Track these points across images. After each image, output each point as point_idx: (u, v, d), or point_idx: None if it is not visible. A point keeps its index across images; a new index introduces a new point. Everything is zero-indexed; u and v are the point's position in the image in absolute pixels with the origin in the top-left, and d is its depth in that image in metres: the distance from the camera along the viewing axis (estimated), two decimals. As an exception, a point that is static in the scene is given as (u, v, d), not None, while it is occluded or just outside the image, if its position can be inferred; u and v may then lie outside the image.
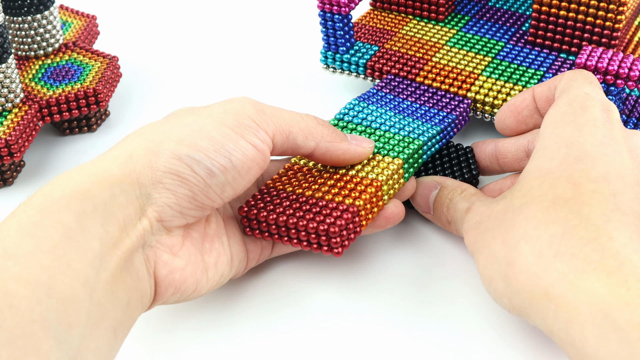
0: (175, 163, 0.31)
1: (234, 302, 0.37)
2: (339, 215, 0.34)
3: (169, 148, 0.31)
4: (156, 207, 0.30)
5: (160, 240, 0.31)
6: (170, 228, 0.31)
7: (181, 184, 0.31)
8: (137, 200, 0.30)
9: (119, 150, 0.31)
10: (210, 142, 0.31)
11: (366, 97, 0.44)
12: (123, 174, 0.30)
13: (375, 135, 0.40)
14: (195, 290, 0.32)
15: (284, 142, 0.34)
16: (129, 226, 0.29)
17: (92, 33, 0.57)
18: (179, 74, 0.58)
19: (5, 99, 0.46)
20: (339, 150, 0.36)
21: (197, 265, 0.32)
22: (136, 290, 0.29)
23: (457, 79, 0.46)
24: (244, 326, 0.36)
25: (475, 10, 0.55)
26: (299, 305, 0.37)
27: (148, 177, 0.30)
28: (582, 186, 0.30)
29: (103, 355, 0.27)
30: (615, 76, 0.40)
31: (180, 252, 0.32)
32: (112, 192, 0.29)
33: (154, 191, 0.30)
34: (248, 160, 0.32)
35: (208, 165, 0.31)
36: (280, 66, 0.58)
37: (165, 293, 0.31)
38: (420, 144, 0.39)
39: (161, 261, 0.31)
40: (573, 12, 0.47)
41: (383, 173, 0.36)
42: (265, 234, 0.35)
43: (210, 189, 0.31)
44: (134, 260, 0.29)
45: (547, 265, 0.29)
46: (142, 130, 0.33)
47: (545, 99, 0.38)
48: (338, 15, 0.48)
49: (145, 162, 0.30)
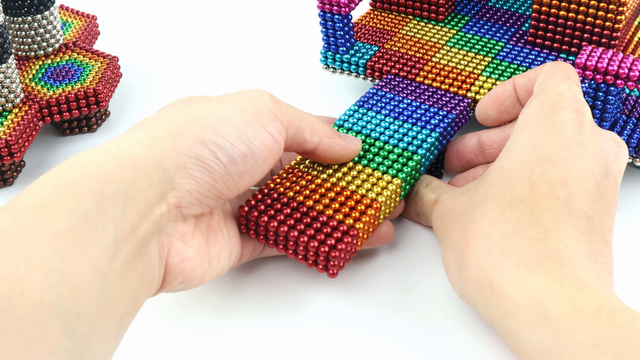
0: (199, 148, 0.30)
1: (233, 301, 0.37)
2: (339, 238, 0.34)
3: (194, 132, 0.30)
4: (177, 192, 0.30)
5: (175, 228, 0.31)
6: (187, 216, 0.31)
7: (203, 170, 0.30)
8: (160, 184, 0.29)
9: (141, 133, 0.31)
10: (232, 129, 0.31)
11: (366, 99, 0.44)
12: (147, 156, 0.29)
13: (375, 147, 0.40)
14: (200, 280, 0.32)
15: (293, 135, 0.34)
16: (148, 211, 0.29)
17: (92, 33, 0.57)
18: (179, 74, 0.58)
19: (5, 99, 0.46)
20: (338, 146, 0.37)
21: (204, 256, 0.32)
22: (146, 277, 0.29)
23: (457, 79, 0.46)
24: (241, 326, 0.36)
25: (475, 10, 0.55)
26: (299, 306, 0.37)
27: (173, 160, 0.30)
28: (538, 188, 0.32)
29: (110, 345, 0.27)
30: (615, 76, 0.40)
31: (192, 242, 0.31)
32: (134, 175, 0.29)
33: (177, 175, 0.30)
34: (266, 149, 0.32)
35: (230, 152, 0.31)
36: (281, 66, 0.58)
37: (174, 281, 0.31)
38: (419, 159, 0.39)
39: (174, 249, 0.31)
40: (573, 12, 0.47)
41: (383, 194, 0.37)
42: (261, 237, 0.36)
43: (230, 177, 0.31)
44: (148, 247, 0.29)
45: (495, 261, 0.31)
46: (162, 113, 0.32)
47: (526, 89, 0.39)
48: (338, 16, 0.48)
49: (169, 145, 0.30)
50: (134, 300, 0.28)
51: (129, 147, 0.30)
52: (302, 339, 0.35)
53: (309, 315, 0.36)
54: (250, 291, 0.38)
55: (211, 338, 0.35)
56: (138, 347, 0.35)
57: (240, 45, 0.61)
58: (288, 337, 0.35)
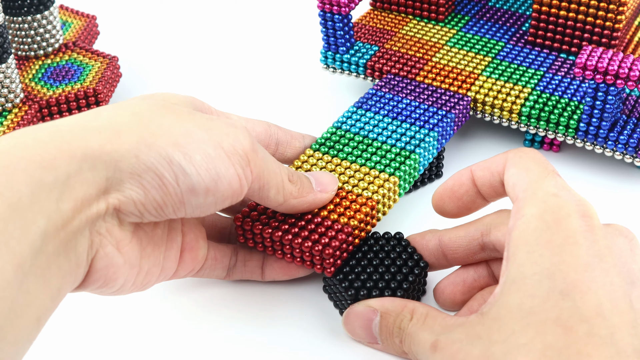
0: (164, 165, 0.28)
1: (233, 302, 0.37)
2: (333, 236, 0.34)
3: (164, 147, 0.28)
4: (121, 196, 0.27)
5: (110, 231, 0.28)
6: (123, 221, 0.29)
7: (158, 188, 0.28)
8: (106, 181, 0.27)
9: (106, 122, 0.28)
10: (204, 159, 0.29)
11: (364, 100, 0.44)
12: (102, 151, 0.27)
13: (372, 147, 0.40)
14: (118, 290, 0.30)
15: (258, 190, 0.32)
16: (85, 206, 0.26)
17: (92, 33, 0.57)
18: (179, 74, 0.58)
19: (5, 99, 0.46)
20: (305, 204, 0.35)
21: (133, 268, 0.30)
22: (71, 276, 0.26)
23: (457, 79, 0.46)
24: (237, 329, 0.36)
25: (475, 10, 0.55)
26: (300, 307, 0.37)
27: (130, 165, 0.27)
28: (574, 330, 0.26)
29: (20, 348, 0.24)
30: (615, 76, 0.40)
31: (125, 249, 0.29)
32: (80, 167, 0.26)
33: (128, 181, 0.27)
34: (231, 189, 0.30)
35: (194, 182, 0.29)
36: (281, 66, 0.58)
37: (91, 285, 0.28)
38: (417, 159, 0.39)
39: (103, 252, 0.28)
40: (573, 12, 0.47)
41: (378, 192, 0.37)
42: (259, 245, 0.36)
43: (182, 206, 0.29)
44: (77, 245, 0.26)
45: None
46: (136, 109, 0.29)
47: (489, 185, 0.33)
48: (338, 15, 0.48)
49: (133, 149, 0.27)
50: (54, 300, 0.26)
51: (85, 135, 0.27)
52: (302, 341, 0.35)
53: (310, 317, 0.36)
54: (246, 297, 0.38)
55: (211, 339, 0.36)
56: (138, 347, 0.35)
57: (240, 45, 0.61)
58: (287, 337, 0.35)
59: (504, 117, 0.45)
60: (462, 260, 0.36)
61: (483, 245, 0.35)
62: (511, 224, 0.30)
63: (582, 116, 0.43)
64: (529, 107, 0.44)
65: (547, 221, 0.29)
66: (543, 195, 0.29)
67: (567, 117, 0.44)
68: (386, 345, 0.33)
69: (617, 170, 0.45)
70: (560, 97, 0.45)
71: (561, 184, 0.30)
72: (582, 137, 0.43)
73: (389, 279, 0.34)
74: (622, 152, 0.43)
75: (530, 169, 0.31)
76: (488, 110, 0.45)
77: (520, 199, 0.30)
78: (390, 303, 0.33)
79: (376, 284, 0.34)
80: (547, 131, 0.44)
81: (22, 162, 0.25)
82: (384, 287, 0.33)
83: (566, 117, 0.44)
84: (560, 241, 0.28)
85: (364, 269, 0.34)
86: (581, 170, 0.45)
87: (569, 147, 0.47)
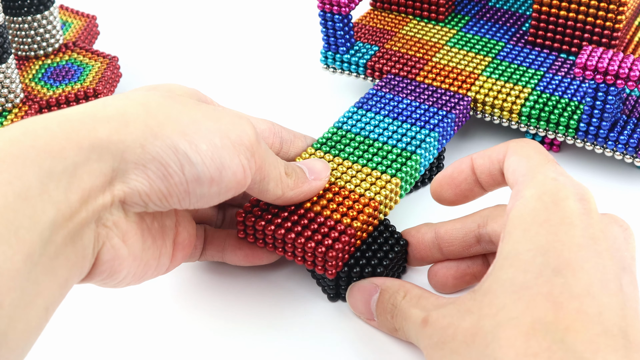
0: (169, 154, 0.28)
1: (234, 302, 0.37)
2: (336, 237, 0.34)
3: (170, 136, 0.28)
4: (126, 187, 0.27)
5: (117, 223, 0.28)
6: (128, 212, 0.29)
7: (163, 177, 0.28)
8: (112, 172, 0.27)
9: (114, 110, 0.28)
10: (210, 149, 0.29)
11: (365, 100, 0.44)
12: (110, 141, 0.27)
13: (373, 148, 0.40)
14: (118, 283, 0.30)
15: (258, 182, 0.32)
16: (91, 197, 0.26)
17: (92, 33, 0.57)
18: (179, 74, 0.58)
19: (5, 99, 0.46)
20: (300, 195, 0.35)
21: (135, 260, 0.30)
22: (78, 267, 0.27)
23: (457, 79, 0.46)
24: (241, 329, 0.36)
25: (475, 10, 0.55)
26: (301, 307, 0.37)
27: (136, 155, 0.27)
28: (564, 306, 0.26)
29: (30, 337, 0.25)
30: (615, 76, 0.40)
31: (130, 241, 0.29)
32: (88, 157, 0.26)
33: (134, 172, 0.27)
34: (235, 180, 0.30)
35: (199, 171, 0.29)
36: (281, 66, 0.58)
37: (96, 277, 0.29)
38: (418, 159, 0.39)
39: (109, 244, 0.28)
40: (573, 12, 0.47)
41: (381, 193, 0.37)
42: (260, 241, 0.36)
43: (187, 196, 0.29)
44: (83, 236, 0.26)
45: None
46: (144, 99, 0.29)
47: (488, 173, 0.33)
48: (338, 15, 0.48)
49: (139, 139, 0.27)
50: (62, 290, 0.26)
51: (94, 125, 0.27)
52: (302, 341, 0.35)
53: (312, 316, 0.36)
54: (250, 292, 0.38)
55: (211, 339, 0.36)
56: (137, 348, 0.35)
57: (240, 46, 0.61)
58: (288, 338, 0.35)
59: (504, 117, 0.45)
60: (457, 253, 0.36)
61: (479, 238, 0.35)
62: (509, 205, 0.30)
63: (582, 116, 0.43)
64: (529, 107, 0.44)
65: (546, 202, 0.29)
66: (543, 178, 0.30)
67: (567, 117, 0.44)
68: (380, 322, 0.34)
69: (617, 170, 0.45)
70: (561, 97, 0.45)
71: (560, 170, 0.31)
72: (582, 137, 0.43)
73: (370, 257, 0.35)
74: (622, 152, 0.43)
75: (531, 156, 0.31)
76: (488, 110, 0.45)
77: (519, 182, 0.31)
78: (391, 282, 0.34)
79: (357, 262, 0.35)
80: (547, 131, 0.44)
81: (31, 152, 0.25)
82: (364, 264, 0.35)
83: (566, 117, 0.44)
84: (557, 221, 0.28)
85: None
86: (581, 170, 0.45)
87: (569, 147, 0.47)
